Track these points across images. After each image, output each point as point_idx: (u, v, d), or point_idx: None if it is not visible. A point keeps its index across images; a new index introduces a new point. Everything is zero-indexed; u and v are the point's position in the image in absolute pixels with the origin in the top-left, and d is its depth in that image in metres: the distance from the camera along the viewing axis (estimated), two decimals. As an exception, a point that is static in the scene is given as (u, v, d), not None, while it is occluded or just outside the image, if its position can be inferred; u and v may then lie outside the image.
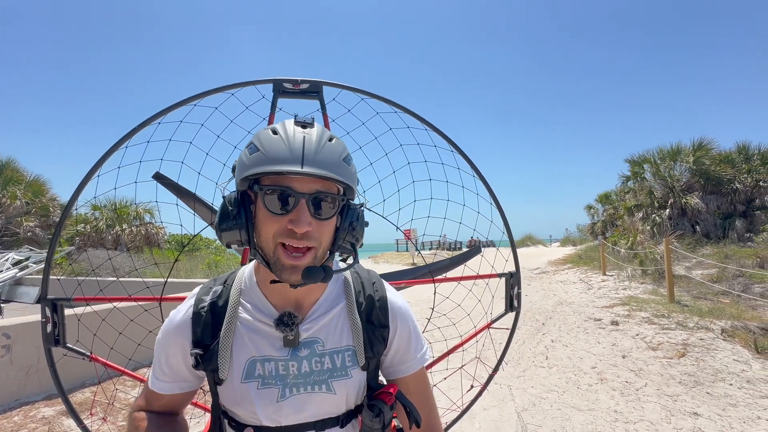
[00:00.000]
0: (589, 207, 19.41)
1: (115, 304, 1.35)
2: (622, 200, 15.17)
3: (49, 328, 1.32)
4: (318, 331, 0.77)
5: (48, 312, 1.31)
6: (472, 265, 1.83)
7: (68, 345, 1.39)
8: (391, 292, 0.86)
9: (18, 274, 8.94)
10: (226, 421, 0.77)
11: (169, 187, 1.55)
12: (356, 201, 0.77)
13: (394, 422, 0.96)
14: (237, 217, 0.69)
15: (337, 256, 0.82)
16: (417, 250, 2.03)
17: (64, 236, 13.77)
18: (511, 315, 1.75)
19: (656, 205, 12.88)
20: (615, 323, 5.56)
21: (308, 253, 0.68)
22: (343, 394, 0.76)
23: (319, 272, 0.66)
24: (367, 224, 0.78)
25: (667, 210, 12.40)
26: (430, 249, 26.83)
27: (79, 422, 1.45)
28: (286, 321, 0.72)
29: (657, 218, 12.43)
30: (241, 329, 0.75)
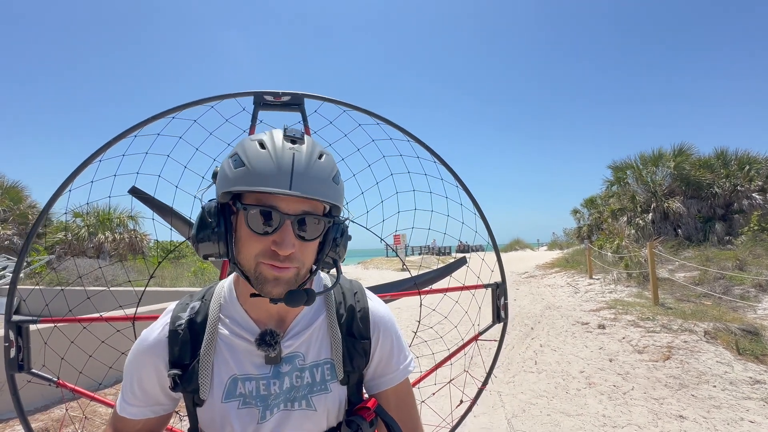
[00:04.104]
0: (576, 211, 19.73)
1: (85, 325, 1.28)
2: (607, 205, 15.46)
3: (12, 352, 1.23)
4: (300, 345, 0.75)
5: (12, 335, 1.23)
6: (458, 276, 1.82)
7: (33, 370, 1.31)
8: (373, 302, 0.84)
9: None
10: None
11: (145, 201, 1.52)
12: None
13: None
14: (216, 228, 0.66)
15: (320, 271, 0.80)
16: (404, 255, 2.02)
17: (43, 244, 13.35)
18: (499, 326, 1.74)
19: (639, 209, 13.17)
20: (602, 327, 5.62)
21: (292, 266, 0.66)
22: (324, 410, 0.74)
23: (302, 296, 0.65)
24: (350, 238, 0.77)
25: (650, 214, 12.69)
26: (419, 254, 26.86)
27: None
28: (268, 340, 0.70)
29: (640, 222, 12.70)
30: (222, 346, 0.72)
